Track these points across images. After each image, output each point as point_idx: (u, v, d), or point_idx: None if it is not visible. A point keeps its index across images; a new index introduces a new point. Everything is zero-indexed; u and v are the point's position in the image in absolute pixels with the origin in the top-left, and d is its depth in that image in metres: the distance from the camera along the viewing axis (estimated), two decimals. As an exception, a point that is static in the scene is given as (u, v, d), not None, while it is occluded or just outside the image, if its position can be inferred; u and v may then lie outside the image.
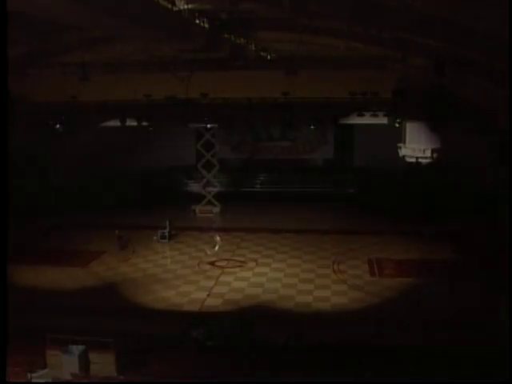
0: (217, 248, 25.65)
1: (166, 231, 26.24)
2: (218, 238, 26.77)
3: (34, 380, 13.05)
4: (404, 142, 22.46)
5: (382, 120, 22.61)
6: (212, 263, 23.22)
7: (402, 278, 21.07)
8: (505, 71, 13.98)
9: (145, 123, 24.31)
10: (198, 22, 16.31)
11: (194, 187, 34.97)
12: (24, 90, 20.01)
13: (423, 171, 25.81)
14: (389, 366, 13.73)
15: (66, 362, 13.43)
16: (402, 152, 22.75)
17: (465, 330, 15.97)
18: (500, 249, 20.56)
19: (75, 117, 23.50)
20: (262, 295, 19.58)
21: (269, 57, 20.93)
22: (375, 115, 21.88)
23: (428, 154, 21.87)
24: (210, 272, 22.12)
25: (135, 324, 16.94)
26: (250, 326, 16.14)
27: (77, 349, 13.54)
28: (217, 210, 31.73)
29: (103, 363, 13.56)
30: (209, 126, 26.57)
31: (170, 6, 14.07)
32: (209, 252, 25.09)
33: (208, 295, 19.51)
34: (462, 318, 16.92)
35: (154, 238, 26.39)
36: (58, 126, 22.94)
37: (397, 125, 22.33)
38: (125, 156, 34.08)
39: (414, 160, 22.57)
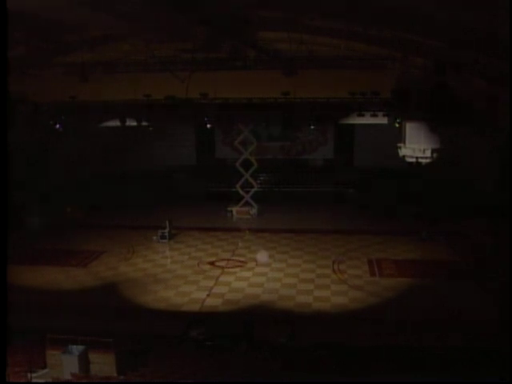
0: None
1: (166, 231, 26.25)
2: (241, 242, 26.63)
3: (34, 380, 13.04)
4: (404, 142, 22.43)
5: (382, 120, 22.61)
6: (212, 263, 23.23)
7: (401, 278, 21.08)
8: (505, 71, 13.98)
9: (145, 123, 24.32)
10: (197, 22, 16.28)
11: (195, 187, 34.98)
12: (24, 90, 20.00)
13: (423, 171, 25.83)
14: (388, 366, 13.72)
15: (65, 362, 13.42)
16: (402, 152, 22.73)
17: (465, 330, 15.98)
18: (500, 249, 20.59)
19: (75, 117, 23.51)
20: (262, 295, 19.58)
21: (269, 57, 20.89)
22: (375, 115, 21.88)
23: (428, 154, 21.85)
24: (209, 272, 22.12)
25: (135, 324, 16.94)
26: (250, 326, 16.16)
27: (77, 349, 13.53)
28: (254, 210, 30.87)
29: (103, 363, 13.55)
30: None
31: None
32: (240, 244, 25.67)
33: (208, 295, 19.52)
34: (462, 317, 16.93)
35: (154, 238, 26.40)
36: (57, 126, 22.96)
37: (397, 125, 22.33)
38: (125, 156, 34.11)
39: (413, 160, 22.56)
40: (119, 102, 21.66)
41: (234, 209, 30.69)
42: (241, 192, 30.86)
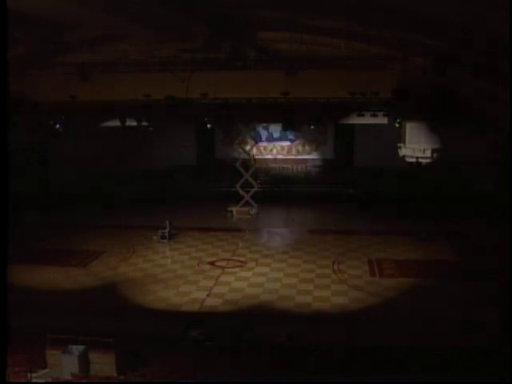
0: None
1: (166, 231, 26.24)
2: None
3: (34, 380, 13.05)
4: (404, 142, 22.48)
5: (382, 120, 22.61)
6: (212, 263, 23.23)
7: (402, 278, 21.07)
8: (505, 71, 13.97)
9: (145, 123, 24.31)
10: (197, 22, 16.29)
11: (195, 187, 35.00)
12: (24, 90, 20.01)
13: (423, 171, 25.83)
14: (388, 366, 13.72)
15: (65, 362, 13.43)
16: (402, 152, 22.77)
17: (465, 330, 15.98)
18: (500, 249, 20.57)
19: (75, 117, 23.52)
20: (261, 295, 19.58)
21: (269, 57, 20.91)
22: (375, 115, 21.88)
23: (428, 153, 21.89)
24: (209, 272, 22.12)
25: (135, 324, 16.94)
26: (251, 326, 16.17)
27: (77, 349, 13.54)
28: (254, 210, 30.79)
29: (103, 363, 13.55)
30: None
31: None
32: (240, 244, 25.77)
33: (208, 295, 19.51)
34: (462, 317, 16.93)
35: (154, 238, 26.39)
36: (57, 126, 22.97)
37: (397, 125, 22.34)
38: (125, 156, 34.11)
39: (414, 160, 22.59)
40: (119, 102, 21.68)
41: (234, 209, 30.65)
42: (241, 192, 30.82)
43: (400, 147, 22.72)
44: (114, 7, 12.28)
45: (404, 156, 22.87)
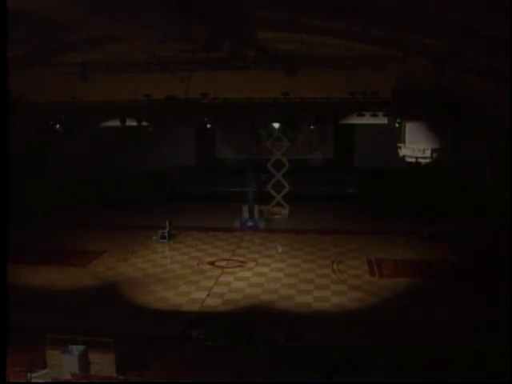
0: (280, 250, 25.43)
1: (166, 231, 26.25)
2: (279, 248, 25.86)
3: (33, 380, 13.06)
4: (404, 142, 22.49)
5: (382, 120, 22.62)
6: (212, 263, 23.23)
7: (401, 278, 21.07)
8: (505, 71, 13.98)
9: (145, 123, 24.32)
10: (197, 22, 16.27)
11: (195, 187, 34.99)
12: (24, 90, 20.00)
13: (423, 171, 25.84)
14: (388, 366, 13.73)
15: (65, 362, 13.44)
16: (402, 152, 22.78)
17: (464, 330, 15.99)
18: (500, 248, 20.60)
19: (75, 117, 23.53)
20: (261, 295, 19.59)
21: (269, 57, 20.91)
22: (375, 115, 21.89)
23: (428, 154, 21.91)
24: (209, 272, 22.13)
25: (135, 324, 16.95)
26: (251, 326, 16.17)
27: (77, 349, 13.55)
28: (286, 211, 30.72)
29: (103, 363, 13.56)
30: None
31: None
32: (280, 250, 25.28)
33: (208, 295, 19.52)
34: (462, 317, 16.93)
35: (154, 238, 26.39)
36: (57, 126, 22.97)
37: (397, 125, 22.35)
38: (125, 156, 34.12)
39: (413, 160, 22.60)
40: (119, 102, 21.68)
41: (266, 209, 30.19)
42: (272, 192, 30.78)
43: (400, 147, 22.73)
44: (113, 7, 12.26)
45: (404, 156, 22.88)
